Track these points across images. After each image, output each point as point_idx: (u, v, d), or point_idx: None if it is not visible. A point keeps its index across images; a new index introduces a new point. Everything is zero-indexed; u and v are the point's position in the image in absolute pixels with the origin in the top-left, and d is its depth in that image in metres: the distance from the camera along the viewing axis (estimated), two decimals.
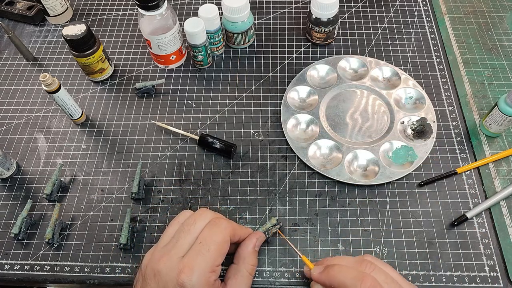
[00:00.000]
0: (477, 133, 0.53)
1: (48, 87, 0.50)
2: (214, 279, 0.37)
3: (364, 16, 0.66)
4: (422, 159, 0.51)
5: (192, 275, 0.35)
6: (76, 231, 0.48)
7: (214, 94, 0.59)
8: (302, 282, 0.44)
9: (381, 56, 0.61)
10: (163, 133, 0.55)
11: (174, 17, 0.56)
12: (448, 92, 0.57)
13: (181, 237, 0.38)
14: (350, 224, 0.48)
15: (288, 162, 0.52)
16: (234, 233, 0.40)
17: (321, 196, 0.50)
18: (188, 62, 0.62)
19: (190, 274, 0.35)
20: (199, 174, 0.52)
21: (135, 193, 0.49)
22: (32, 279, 0.46)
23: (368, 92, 0.57)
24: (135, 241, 0.47)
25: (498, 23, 0.64)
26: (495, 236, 0.46)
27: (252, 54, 0.62)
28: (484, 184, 0.50)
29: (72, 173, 0.52)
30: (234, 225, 0.41)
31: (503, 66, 0.59)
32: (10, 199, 0.51)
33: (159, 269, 0.36)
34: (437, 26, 0.64)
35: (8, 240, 0.48)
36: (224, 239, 0.38)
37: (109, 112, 0.58)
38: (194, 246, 0.37)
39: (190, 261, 0.36)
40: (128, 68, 0.62)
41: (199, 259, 0.36)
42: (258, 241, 0.42)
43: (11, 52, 0.65)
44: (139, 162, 0.52)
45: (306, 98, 0.58)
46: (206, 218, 0.40)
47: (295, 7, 0.68)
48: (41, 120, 0.57)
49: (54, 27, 0.68)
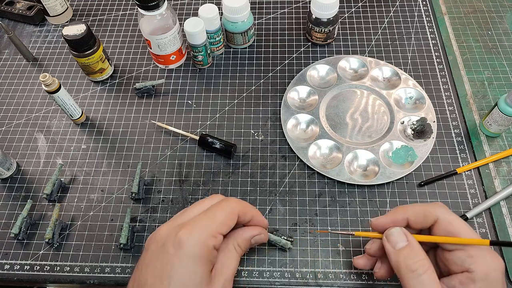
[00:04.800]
0: (477, 133, 0.53)
1: (48, 87, 0.50)
2: (212, 245, 0.35)
3: (364, 16, 0.66)
4: (422, 159, 0.51)
5: (191, 233, 0.34)
6: (76, 231, 0.48)
7: (214, 94, 0.59)
8: (302, 282, 0.44)
9: (381, 56, 0.61)
10: (163, 133, 0.55)
11: (174, 17, 0.56)
12: (448, 92, 0.57)
13: (188, 209, 0.38)
14: (350, 224, 0.48)
15: (288, 162, 0.52)
16: (245, 211, 0.38)
17: (321, 196, 0.50)
18: (188, 62, 0.62)
19: (189, 231, 0.34)
20: (199, 174, 0.52)
21: (135, 193, 0.49)
22: (32, 279, 0.46)
23: (368, 92, 0.57)
24: (135, 241, 0.47)
25: (498, 23, 0.64)
26: (495, 236, 0.46)
27: (252, 54, 0.62)
28: (484, 184, 0.50)
29: (72, 173, 0.52)
30: (246, 204, 0.40)
31: (503, 66, 0.59)
32: (10, 199, 0.51)
33: (160, 233, 0.36)
34: (437, 26, 0.64)
35: (8, 240, 0.48)
36: (232, 211, 0.37)
37: (109, 112, 0.58)
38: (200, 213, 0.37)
39: (192, 221, 0.36)
40: (128, 68, 0.62)
41: (202, 220, 0.35)
42: (258, 237, 0.40)
43: (11, 52, 0.65)
44: (139, 162, 0.52)
45: (306, 98, 0.58)
46: (218, 198, 0.39)
47: (295, 7, 0.68)
48: (41, 120, 0.57)
49: (54, 27, 0.68)
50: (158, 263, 0.34)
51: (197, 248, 0.34)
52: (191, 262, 0.33)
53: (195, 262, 0.34)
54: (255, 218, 0.40)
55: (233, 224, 0.37)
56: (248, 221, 0.39)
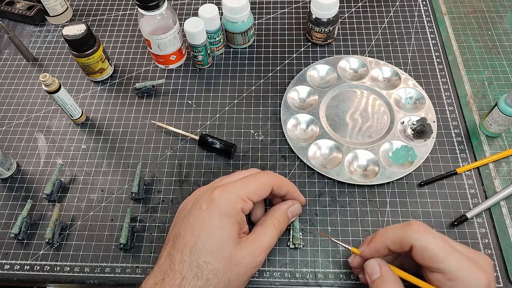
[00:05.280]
0: (477, 133, 0.53)
1: (48, 87, 0.50)
2: (240, 207, 0.38)
3: (364, 16, 0.66)
4: (422, 159, 0.51)
5: (223, 193, 0.38)
6: (76, 231, 0.48)
7: (214, 94, 0.59)
8: (302, 282, 0.44)
9: (381, 56, 0.61)
10: (163, 133, 0.55)
11: (174, 17, 0.56)
12: (448, 92, 0.57)
13: (226, 177, 0.43)
14: (350, 224, 0.48)
15: (288, 162, 0.52)
16: (280, 183, 0.41)
17: (321, 196, 0.50)
18: (188, 62, 0.62)
19: (222, 191, 0.38)
20: (199, 174, 0.52)
21: (135, 193, 0.49)
22: (32, 279, 0.46)
23: (368, 92, 0.57)
24: (135, 241, 0.47)
25: (498, 23, 0.64)
26: (495, 236, 0.46)
27: (252, 54, 0.62)
28: (484, 184, 0.50)
29: (72, 173, 0.52)
30: (282, 178, 0.42)
31: (503, 66, 0.59)
32: (10, 199, 0.51)
33: (196, 193, 0.41)
34: (437, 26, 0.64)
35: (8, 240, 0.48)
36: (266, 182, 0.40)
37: (109, 112, 0.58)
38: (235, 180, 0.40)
39: (226, 184, 0.39)
40: (128, 68, 0.62)
41: (236, 184, 0.39)
42: (292, 207, 0.43)
43: (11, 52, 0.65)
44: (139, 162, 0.52)
45: (306, 98, 0.58)
46: (255, 170, 0.44)
47: (295, 7, 0.68)
48: (41, 120, 0.57)
49: (54, 27, 0.68)
50: (192, 218, 0.38)
51: (226, 207, 0.37)
52: (219, 218, 0.37)
53: (223, 219, 0.37)
54: (290, 193, 0.43)
55: (265, 194, 0.40)
56: (283, 195, 0.43)
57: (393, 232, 0.38)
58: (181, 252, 0.36)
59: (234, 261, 0.36)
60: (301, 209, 0.45)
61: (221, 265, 0.36)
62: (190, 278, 0.35)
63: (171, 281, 0.35)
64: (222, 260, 0.36)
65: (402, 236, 0.36)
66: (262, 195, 0.40)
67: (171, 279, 0.35)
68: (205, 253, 0.35)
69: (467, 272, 0.34)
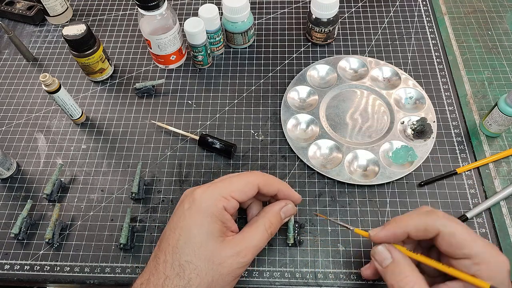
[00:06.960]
0: (477, 133, 0.53)
1: (48, 87, 0.50)
2: (222, 205, 0.38)
3: (364, 16, 0.66)
4: (422, 159, 0.51)
5: (205, 191, 0.38)
6: (76, 231, 0.48)
7: (214, 94, 0.59)
8: (302, 282, 0.44)
9: (381, 56, 0.61)
10: (163, 133, 0.55)
11: (174, 17, 0.56)
12: (448, 92, 0.57)
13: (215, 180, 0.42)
14: (350, 224, 0.47)
15: (288, 162, 0.52)
16: (266, 181, 0.40)
17: (321, 196, 0.50)
18: (188, 62, 0.62)
19: (204, 190, 0.38)
20: (199, 174, 0.52)
21: (135, 193, 0.49)
22: (32, 279, 0.46)
23: (368, 92, 0.57)
24: (135, 241, 0.47)
25: (498, 23, 0.64)
26: (495, 236, 0.46)
27: (252, 54, 0.62)
28: (484, 184, 0.50)
29: (72, 173, 0.52)
30: (270, 177, 0.41)
31: (503, 66, 0.59)
32: (10, 199, 0.51)
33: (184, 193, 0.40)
34: (437, 26, 0.64)
35: (8, 240, 0.48)
36: (251, 180, 0.40)
37: (109, 112, 0.58)
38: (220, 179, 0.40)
39: (209, 184, 0.39)
40: (128, 68, 0.62)
41: (219, 183, 0.39)
42: (285, 208, 0.42)
43: (11, 52, 0.65)
44: (139, 162, 0.52)
45: (306, 98, 0.58)
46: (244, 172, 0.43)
47: (295, 7, 0.68)
48: (41, 120, 0.57)
49: (54, 27, 0.68)
50: (175, 217, 0.38)
51: (207, 205, 0.37)
52: (200, 216, 0.37)
53: (204, 216, 0.37)
54: (282, 192, 0.42)
55: (251, 193, 0.40)
56: (274, 193, 0.42)
57: (418, 218, 0.37)
58: (164, 252, 0.36)
59: (216, 260, 0.36)
60: (296, 209, 0.44)
61: (203, 264, 0.35)
62: (173, 277, 0.35)
63: (155, 281, 0.35)
64: (204, 259, 0.36)
65: (428, 222, 0.36)
66: (248, 194, 0.39)
67: (156, 279, 0.35)
68: (187, 252, 0.36)
69: (491, 256, 0.35)
